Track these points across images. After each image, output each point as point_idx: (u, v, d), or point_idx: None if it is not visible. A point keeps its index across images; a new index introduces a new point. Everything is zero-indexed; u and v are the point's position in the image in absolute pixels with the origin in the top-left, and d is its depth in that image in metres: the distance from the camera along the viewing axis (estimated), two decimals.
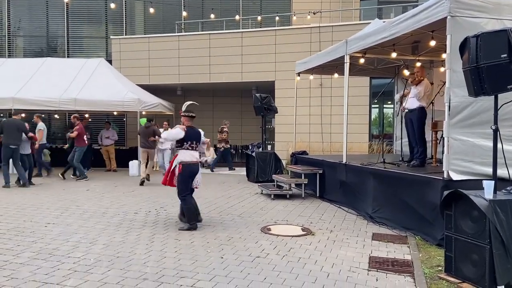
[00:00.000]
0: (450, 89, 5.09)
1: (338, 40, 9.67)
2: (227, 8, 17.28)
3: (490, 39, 3.69)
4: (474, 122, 5.12)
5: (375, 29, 7.11)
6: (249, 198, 8.54)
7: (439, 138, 7.25)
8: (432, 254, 4.76)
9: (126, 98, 12.27)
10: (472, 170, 5.12)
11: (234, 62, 14.69)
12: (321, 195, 8.58)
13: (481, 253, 3.58)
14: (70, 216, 6.61)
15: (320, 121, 13.57)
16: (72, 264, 4.27)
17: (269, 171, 10.86)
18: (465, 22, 5.06)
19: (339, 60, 8.27)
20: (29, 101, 12.03)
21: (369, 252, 4.84)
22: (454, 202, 3.90)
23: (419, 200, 5.49)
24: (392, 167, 6.78)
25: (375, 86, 13.67)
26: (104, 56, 16.45)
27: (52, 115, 16.62)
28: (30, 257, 4.50)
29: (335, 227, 6.04)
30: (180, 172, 5.68)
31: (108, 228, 5.83)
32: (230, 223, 6.23)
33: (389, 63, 9.36)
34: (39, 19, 18.07)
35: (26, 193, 8.80)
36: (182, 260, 4.45)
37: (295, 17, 16.32)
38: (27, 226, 5.91)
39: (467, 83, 3.97)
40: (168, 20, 17.47)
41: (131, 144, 15.81)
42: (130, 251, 4.75)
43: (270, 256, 4.63)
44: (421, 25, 5.70)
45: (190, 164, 5.72)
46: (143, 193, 8.89)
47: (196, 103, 6.31)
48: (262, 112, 11.32)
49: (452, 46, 4.97)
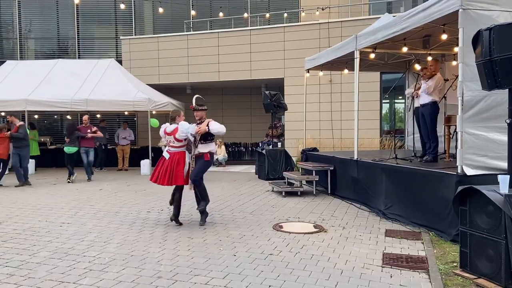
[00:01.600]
0: (463, 83, 5.02)
1: (347, 35, 9.62)
2: (235, 6, 17.27)
3: (503, 31, 3.63)
4: (488, 116, 5.05)
5: (385, 23, 7.05)
6: (260, 195, 8.54)
7: (452, 133, 7.17)
8: (447, 250, 4.71)
9: (137, 98, 12.37)
10: (487, 164, 5.06)
11: (243, 60, 14.68)
12: (332, 192, 8.55)
13: (497, 249, 3.54)
14: (84, 215, 6.69)
15: (330, 117, 13.50)
16: (88, 263, 4.33)
17: (279, 168, 10.85)
18: (477, 15, 4.99)
19: (349, 55, 8.22)
20: (42, 103, 12.20)
21: (383, 248, 4.82)
22: (468, 197, 3.86)
23: (433, 196, 5.44)
24: (404, 162, 6.72)
25: (385, 81, 13.54)
26: (114, 56, 16.59)
27: (64, 115, 16.81)
28: (46, 256, 4.57)
29: (348, 224, 6.02)
30: (208, 160, 5.96)
31: (122, 227, 5.88)
32: (242, 221, 6.24)
33: (400, 57, 9.29)
34: (49, 21, 18.27)
35: (41, 193, 8.93)
36: (196, 258, 4.47)
37: (303, 14, 16.23)
38: (42, 226, 6.00)
39: (480, 77, 3.92)
40: (177, 20, 17.53)
41: (142, 144, 15.91)
42: (143, 250, 4.79)
43: (283, 254, 4.63)
44: (433, 19, 5.63)
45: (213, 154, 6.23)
46: (155, 192, 8.96)
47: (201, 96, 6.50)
48: (272, 109, 11.30)
49: (465, 40, 4.91)
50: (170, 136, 5.97)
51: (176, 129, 5.95)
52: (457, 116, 5.16)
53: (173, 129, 5.99)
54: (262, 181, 10.72)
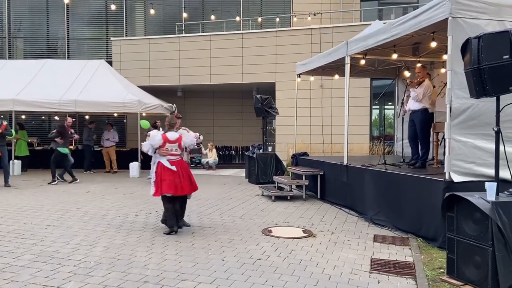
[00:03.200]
0: (452, 91, 5.07)
1: (338, 41, 9.66)
2: (228, 9, 17.28)
3: (492, 40, 3.68)
4: (476, 123, 5.10)
5: (376, 30, 7.10)
6: (250, 199, 8.52)
7: (440, 140, 7.23)
8: (434, 256, 4.74)
9: (127, 100, 12.27)
10: (474, 171, 5.10)
11: (235, 63, 14.68)
12: (322, 197, 8.56)
13: (484, 255, 3.57)
14: (70, 218, 6.60)
15: (321, 122, 13.56)
16: (73, 267, 4.25)
17: (269, 173, 10.84)
18: (466, 23, 5.05)
19: (340, 61, 8.26)
20: (30, 103, 12.04)
21: (371, 254, 4.82)
22: (456, 204, 3.88)
23: (421, 202, 5.47)
24: (393, 168, 6.76)
25: (375, 87, 13.66)
26: (105, 57, 16.47)
27: (52, 116, 16.61)
28: (31, 259, 4.48)
29: (336, 229, 6.02)
30: None
31: (109, 231, 5.81)
32: (231, 225, 6.21)
33: (390, 64, 9.36)
34: (39, 21, 18.08)
35: (26, 195, 8.79)
36: (183, 263, 4.43)
37: (295, 18, 16.32)
38: (27, 228, 5.90)
39: (468, 85, 3.96)
40: (169, 22, 17.47)
41: (131, 146, 15.79)
42: (130, 254, 4.73)
43: (271, 258, 4.61)
44: (422, 27, 5.69)
45: None
46: (144, 195, 8.87)
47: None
48: (263, 113, 11.30)
49: (453, 47, 4.96)
50: (174, 144, 5.72)
51: (180, 137, 5.77)
52: (445, 123, 5.20)
53: (177, 137, 5.77)
54: (252, 185, 10.70)
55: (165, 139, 5.66)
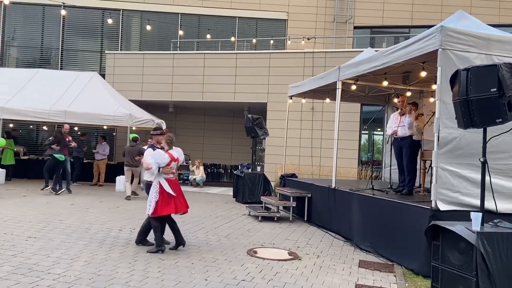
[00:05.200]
0: (440, 120, 5.17)
1: (331, 66, 9.83)
2: (223, 29, 17.51)
3: (480, 73, 3.78)
4: (462, 153, 5.19)
5: (368, 57, 7.24)
6: (237, 219, 8.45)
7: (427, 167, 7.31)
8: (418, 284, 4.73)
9: (117, 113, 12.22)
10: (459, 200, 5.16)
11: (228, 82, 14.78)
12: (309, 219, 8.54)
13: (467, 285, 3.57)
14: (52, 230, 6.46)
15: (311, 144, 13.63)
16: (52, 281, 4.15)
17: (257, 193, 10.80)
18: (455, 55, 5.19)
19: (331, 85, 8.38)
20: (19, 112, 11.92)
21: (356, 279, 4.80)
22: (441, 232, 3.91)
23: (407, 229, 5.48)
24: (380, 194, 6.79)
25: (365, 112, 13.84)
26: (98, 70, 16.44)
27: (41, 126, 16.43)
28: (9, 271, 4.36)
29: (322, 253, 5.99)
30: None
31: (91, 245, 5.70)
32: (216, 244, 6.14)
33: (380, 91, 9.52)
34: (34, 30, 18.05)
35: (9, 205, 8.60)
36: (166, 281, 4.35)
37: (289, 42, 16.59)
38: (7, 239, 5.75)
39: (457, 115, 4.04)
40: (164, 38, 17.60)
41: (119, 159, 15.63)
42: (112, 269, 4.63)
43: (255, 280, 4.55)
44: (413, 56, 5.82)
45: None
46: (129, 210, 8.75)
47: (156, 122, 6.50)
48: (253, 133, 11.33)
49: (443, 78, 5.08)
50: (176, 162, 5.70)
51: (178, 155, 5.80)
52: (432, 152, 5.28)
53: (178, 154, 5.79)
54: (239, 204, 10.63)
55: (171, 157, 5.60)
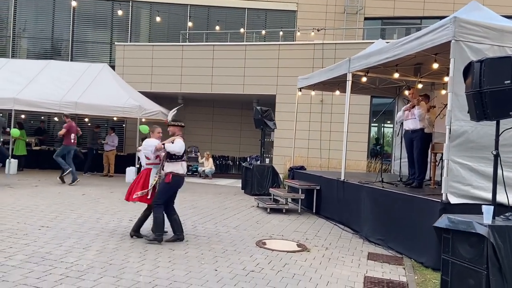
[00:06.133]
0: (452, 112, 5.11)
1: (340, 57, 9.75)
2: (232, 20, 17.44)
3: (494, 64, 3.72)
4: (474, 146, 5.14)
5: (379, 49, 7.17)
6: (245, 210, 8.49)
7: (438, 160, 7.26)
8: (428, 277, 4.72)
9: (127, 104, 12.28)
10: (471, 194, 5.12)
11: (237, 74, 14.76)
12: (317, 211, 8.54)
13: (478, 279, 3.55)
14: (64, 220, 6.55)
15: (319, 137, 13.59)
16: (65, 269, 4.22)
17: (266, 185, 10.82)
18: (468, 47, 5.12)
19: (341, 77, 8.32)
20: (30, 103, 12.02)
21: (364, 271, 4.80)
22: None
23: (416, 222, 5.46)
24: (390, 186, 6.77)
25: (375, 105, 13.74)
26: (108, 61, 16.53)
27: (52, 117, 16.60)
28: (23, 260, 4.44)
29: (331, 245, 6.00)
30: (167, 182, 5.51)
31: (102, 234, 5.77)
32: (225, 235, 6.18)
33: (391, 83, 9.43)
34: (45, 21, 18.17)
35: (21, 194, 8.74)
36: (176, 271, 4.40)
37: (299, 33, 16.48)
38: (20, 228, 5.85)
39: (469, 107, 3.99)
40: (173, 30, 17.60)
41: (129, 151, 15.77)
42: (123, 259, 4.70)
43: (264, 271, 4.58)
44: (425, 48, 5.75)
45: (181, 176, 5.64)
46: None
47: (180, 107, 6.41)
48: (262, 125, 11.33)
49: (455, 70, 5.02)
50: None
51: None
52: (444, 144, 5.23)
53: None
54: (248, 196, 10.67)
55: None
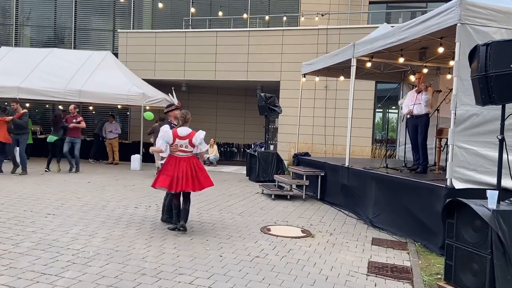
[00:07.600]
0: (457, 97, 5.07)
1: (345, 42, 9.62)
2: (236, 6, 17.25)
3: (500, 48, 3.66)
4: (480, 131, 5.10)
5: (384, 33, 7.08)
6: (250, 197, 8.53)
7: (443, 146, 7.22)
8: (432, 261, 4.74)
9: (131, 92, 12.27)
10: (475, 179, 5.10)
11: (240, 60, 14.67)
12: (321, 198, 8.56)
13: (482, 263, 3.56)
14: (70, 207, 6.62)
15: (324, 123, 13.55)
16: (71, 256, 4.27)
17: (270, 171, 10.83)
18: (474, 30, 5.04)
19: (346, 63, 8.24)
20: (34, 91, 12.05)
21: (369, 257, 4.83)
22: (456, 210, 3.88)
23: (421, 207, 5.47)
24: (394, 172, 6.76)
25: (380, 90, 13.64)
26: (111, 49, 16.46)
27: (57, 105, 16.63)
28: (30, 247, 4.50)
29: (335, 230, 6.03)
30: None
31: (108, 222, 5.83)
32: (230, 222, 6.22)
33: (396, 68, 9.34)
34: (47, 9, 18.08)
35: (28, 183, 8.82)
36: (181, 257, 4.44)
37: (303, 18, 16.28)
38: (27, 215, 5.92)
39: (474, 92, 3.95)
40: (176, 16, 17.46)
41: (133, 138, 15.81)
42: (129, 246, 4.75)
43: (269, 257, 4.62)
44: (431, 31, 5.67)
45: None
46: (144, 188, 8.89)
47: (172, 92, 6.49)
48: (266, 111, 11.30)
49: (461, 54, 4.96)
50: (185, 140, 5.34)
51: (192, 133, 5.39)
52: (449, 129, 5.20)
53: (188, 132, 5.39)
54: (253, 182, 10.70)
55: (175, 134, 5.35)
